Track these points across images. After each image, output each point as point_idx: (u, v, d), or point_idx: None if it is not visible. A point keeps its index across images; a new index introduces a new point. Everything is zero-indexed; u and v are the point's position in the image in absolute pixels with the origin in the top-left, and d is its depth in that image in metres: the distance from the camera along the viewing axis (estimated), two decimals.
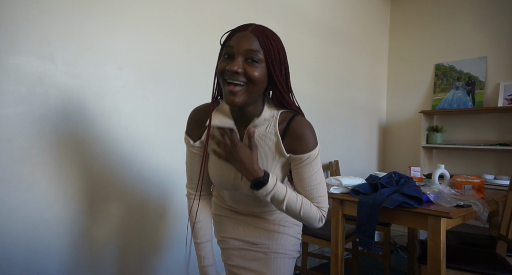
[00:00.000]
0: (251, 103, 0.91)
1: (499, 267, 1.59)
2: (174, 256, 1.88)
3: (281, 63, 0.91)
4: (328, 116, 2.92)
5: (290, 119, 0.95)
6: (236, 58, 0.85)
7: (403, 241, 3.29)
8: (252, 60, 0.85)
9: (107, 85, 1.62)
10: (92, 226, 1.58)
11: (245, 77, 0.85)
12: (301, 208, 0.94)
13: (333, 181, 1.95)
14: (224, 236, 1.13)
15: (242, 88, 0.86)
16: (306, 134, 0.94)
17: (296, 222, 1.12)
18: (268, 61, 0.87)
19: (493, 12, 2.92)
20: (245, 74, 0.85)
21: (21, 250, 1.39)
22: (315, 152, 0.95)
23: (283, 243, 1.08)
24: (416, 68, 3.40)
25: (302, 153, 0.94)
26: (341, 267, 1.90)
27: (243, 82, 0.85)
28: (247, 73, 0.85)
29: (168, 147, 1.85)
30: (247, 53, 0.85)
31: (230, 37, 0.89)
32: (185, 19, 1.92)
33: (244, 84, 0.86)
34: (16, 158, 1.37)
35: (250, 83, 0.86)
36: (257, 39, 0.86)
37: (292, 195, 0.94)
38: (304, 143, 0.94)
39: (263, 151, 0.96)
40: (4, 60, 1.34)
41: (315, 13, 2.76)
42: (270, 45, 0.88)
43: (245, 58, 0.85)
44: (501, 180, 2.64)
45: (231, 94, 0.85)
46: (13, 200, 1.36)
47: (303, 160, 0.94)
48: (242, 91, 0.86)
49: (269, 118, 0.95)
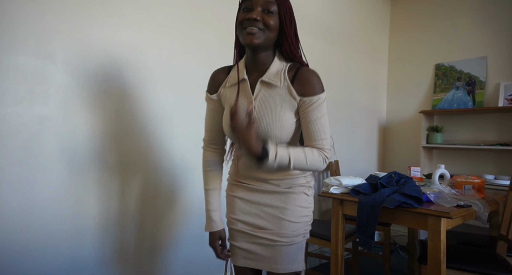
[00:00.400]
0: (264, 49, 1.05)
1: (499, 267, 1.59)
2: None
3: (291, 18, 1.05)
4: (328, 116, 2.91)
5: (298, 68, 1.07)
6: (256, 8, 1.00)
7: (403, 241, 3.29)
8: (268, 11, 1.00)
9: (107, 85, 1.62)
10: (91, 229, 1.58)
11: (263, 24, 1.00)
12: (307, 160, 1.01)
13: (333, 181, 1.95)
14: (234, 218, 1.18)
15: (260, 31, 1.00)
16: (313, 79, 1.05)
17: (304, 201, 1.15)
18: (281, 14, 1.02)
19: (493, 12, 2.92)
20: (263, 21, 1.00)
21: (21, 250, 1.39)
22: (322, 96, 1.06)
23: (288, 231, 1.11)
24: (416, 68, 3.40)
25: (310, 95, 1.04)
26: (341, 267, 1.90)
27: (259, 27, 1.00)
28: (264, 20, 1.00)
29: (168, 147, 1.85)
30: (264, 4, 1.00)
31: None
32: (185, 20, 1.92)
33: (259, 29, 1.00)
34: (16, 158, 1.37)
35: (267, 29, 1.00)
36: None
37: (296, 154, 1.00)
38: (312, 87, 1.04)
39: (278, 100, 1.05)
40: (4, 60, 1.34)
41: (314, 13, 2.76)
42: (283, 1, 1.03)
43: (262, 9, 1.00)
44: (501, 180, 2.63)
45: (250, 34, 0.99)
46: (13, 200, 1.36)
47: (312, 103, 1.04)
48: (259, 34, 1.00)
49: (278, 71, 1.06)
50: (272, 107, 1.05)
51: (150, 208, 1.79)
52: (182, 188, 1.92)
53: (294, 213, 1.12)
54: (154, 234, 1.81)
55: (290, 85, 1.05)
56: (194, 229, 1.96)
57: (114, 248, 1.66)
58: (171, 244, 1.88)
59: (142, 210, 1.76)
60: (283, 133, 1.05)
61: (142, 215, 1.76)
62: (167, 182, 1.86)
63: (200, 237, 1.98)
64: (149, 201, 1.78)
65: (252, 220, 1.14)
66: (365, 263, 2.82)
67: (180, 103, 1.90)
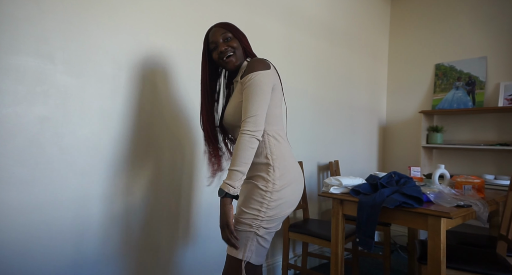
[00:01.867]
0: (239, 64, 1.33)
1: (499, 267, 1.59)
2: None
3: (241, 33, 1.36)
4: (328, 116, 2.92)
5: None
6: (219, 43, 1.30)
7: (403, 241, 3.29)
8: (227, 39, 1.31)
9: (107, 85, 1.62)
10: (91, 229, 1.58)
11: (231, 49, 1.30)
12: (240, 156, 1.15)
13: (333, 181, 1.95)
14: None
15: (233, 55, 1.30)
16: (249, 64, 1.24)
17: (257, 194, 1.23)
18: (235, 34, 1.33)
19: (493, 12, 2.92)
20: (230, 47, 1.30)
21: (21, 250, 1.39)
22: (252, 75, 1.20)
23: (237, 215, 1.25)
24: (416, 68, 3.40)
25: (244, 76, 1.23)
26: (341, 267, 1.90)
27: (231, 52, 1.30)
28: (230, 46, 1.30)
29: (168, 147, 1.85)
30: (222, 37, 1.31)
31: (207, 37, 1.35)
32: (185, 19, 1.92)
33: (232, 53, 1.30)
34: (16, 158, 1.37)
35: (235, 49, 1.31)
36: (222, 27, 1.32)
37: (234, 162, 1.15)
38: (248, 69, 1.23)
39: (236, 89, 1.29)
40: (4, 60, 1.34)
41: (315, 13, 2.76)
42: (230, 27, 1.34)
43: (222, 40, 1.30)
44: (501, 180, 2.63)
45: (230, 61, 1.30)
46: (13, 200, 1.36)
47: (244, 83, 1.22)
48: (234, 57, 1.30)
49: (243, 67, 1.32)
50: (232, 96, 1.32)
51: (151, 208, 1.79)
52: (186, 189, 1.93)
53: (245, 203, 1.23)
54: (157, 234, 1.81)
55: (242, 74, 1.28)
56: (200, 228, 1.96)
57: (115, 247, 1.66)
58: (174, 244, 1.88)
59: (144, 210, 1.76)
60: (231, 114, 1.28)
61: (144, 215, 1.76)
62: (169, 181, 1.86)
63: (204, 237, 1.98)
64: (152, 201, 1.78)
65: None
66: (365, 263, 2.82)
67: (181, 103, 1.90)
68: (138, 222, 1.74)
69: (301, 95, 2.65)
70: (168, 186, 1.86)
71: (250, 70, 1.21)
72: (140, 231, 1.75)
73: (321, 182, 2.87)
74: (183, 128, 1.92)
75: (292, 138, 2.51)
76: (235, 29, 1.33)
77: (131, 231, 1.71)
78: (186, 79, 1.93)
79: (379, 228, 2.45)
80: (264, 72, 1.21)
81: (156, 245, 1.82)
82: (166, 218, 1.86)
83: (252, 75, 1.19)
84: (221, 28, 1.31)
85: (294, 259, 2.62)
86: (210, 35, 1.32)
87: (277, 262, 2.45)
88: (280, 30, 2.46)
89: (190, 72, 1.94)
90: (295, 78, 2.59)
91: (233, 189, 1.14)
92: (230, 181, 1.14)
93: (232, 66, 1.30)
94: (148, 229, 1.78)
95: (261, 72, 1.20)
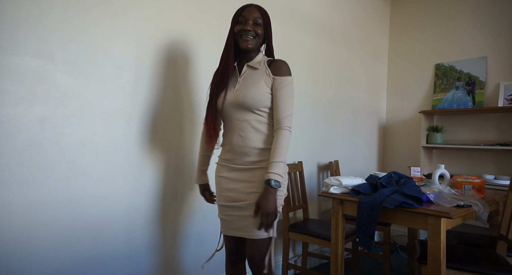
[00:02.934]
0: (254, 50, 1.44)
1: (499, 267, 1.59)
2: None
3: (270, 28, 1.46)
4: (328, 116, 2.92)
5: (275, 59, 1.46)
6: (248, 22, 1.39)
7: (403, 241, 3.29)
8: (257, 23, 1.40)
9: (107, 85, 1.62)
10: (91, 229, 1.58)
11: (254, 33, 1.39)
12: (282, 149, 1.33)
13: (333, 181, 1.95)
14: (219, 194, 1.47)
15: (253, 39, 1.39)
16: (283, 65, 1.41)
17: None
18: (265, 26, 1.43)
19: (493, 12, 2.92)
20: (254, 31, 1.39)
21: (20, 250, 1.39)
22: (289, 79, 1.40)
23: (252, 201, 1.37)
24: (416, 68, 3.40)
25: (280, 76, 1.39)
26: (341, 267, 1.90)
27: (252, 36, 1.39)
28: (255, 30, 1.39)
29: (168, 147, 1.85)
30: (254, 19, 1.39)
31: (241, 11, 1.42)
32: (185, 19, 1.92)
33: (252, 37, 1.39)
34: (16, 158, 1.37)
35: (257, 36, 1.40)
36: (258, 11, 1.41)
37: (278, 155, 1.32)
38: (282, 70, 1.40)
39: (257, 76, 1.40)
40: (4, 60, 1.34)
41: (315, 13, 2.76)
42: (266, 16, 1.43)
43: (253, 22, 1.39)
44: (501, 180, 2.63)
45: (246, 41, 1.38)
46: (13, 200, 1.36)
47: (281, 82, 1.38)
48: (252, 41, 1.39)
49: (260, 60, 1.44)
50: (251, 81, 1.40)
51: (152, 208, 1.79)
52: (187, 189, 1.93)
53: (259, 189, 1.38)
54: (157, 235, 1.81)
55: (267, 67, 1.41)
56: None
57: (116, 247, 1.66)
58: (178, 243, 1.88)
59: (144, 210, 1.76)
60: (256, 99, 1.36)
61: (144, 215, 1.76)
62: (170, 181, 1.86)
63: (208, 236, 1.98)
64: (152, 202, 1.78)
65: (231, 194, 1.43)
66: (365, 263, 2.83)
67: (181, 103, 1.90)
68: (138, 222, 1.74)
69: (301, 95, 2.65)
70: (169, 186, 1.86)
71: (286, 72, 1.40)
72: (142, 232, 1.75)
73: (321, 182, 2.87)
74: (183, 128, 1.92)
75: (292, 138, 2.50)
76: (268, 20, 1.43)
77: (132, 232, 1.71)
78: (186, 79, 1.92)
79: (379, 228, 2.45)
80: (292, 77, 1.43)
81: (156, 247, 1.82)
82: (168, 218, 1.86)
83: (289, 78, 1.40)
84: (258, 11, 1.41)
85: (294, 259, 2.62)
86: (245, 11, 1.40)
87: (277, 262, 2.45)
88: (280, 30, 2.46)
89: (190, 72, 1.94)
90: (295, 78, 2.58)
91: (281, 178, 1.31)
92: (279, 171, 1.30)
93: (245, 46, 1.38)
94: (148, 230, 1.78)
95: (292, 77, 1.42)
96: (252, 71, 1.41)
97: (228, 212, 1.43)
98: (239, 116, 1.39)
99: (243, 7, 1.42)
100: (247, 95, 1.36)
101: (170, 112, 1.86)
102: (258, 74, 1.40)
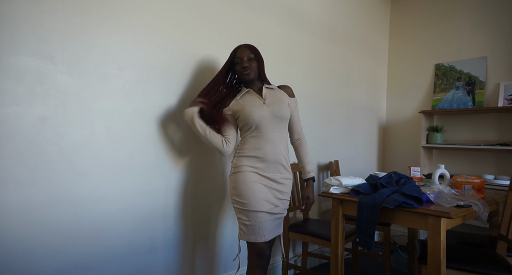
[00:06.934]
0: (254, 79, 1.74)
1: (499, 267, 1.59)
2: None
3: (261, 59, 1.76)
4: (328, 116, 2.92)
5: (282, 84, 1.87)
6: (244, 60, 1.70)
7: (403, 241, 3.29)
8: (250, 58, 1.71)
9: (107, 85, 1.62)
10: (91, 229, 1.58)
11: (250, 66, 1.69)
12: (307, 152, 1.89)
13: (333, 181, 1.95)
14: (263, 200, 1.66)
15: (250, 71, 1.70)
16: (291, 89, 1.85)
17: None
18: (257, 57, 1.73)
19: (493, 12, 2.92)
20: (249, 65, 1.69)
21: (20, 250, 1.39)
22: (296, 99, 1.85)
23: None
24: (416, 68, 3.40)
25: (293, 97, 1.83)
26: (341, 267, 1.90)
27: (249, 69, 1.69)
28: (250, 64, 1.70)
29: (169, 147, 1.85)
30: (247, 56, 1.70)
31: (235, 52, 1.72)
32: (185, 19, 1.92)
33: (250, 70, 1.69)
34: (16, 158, 1.37)
35: (253, 68, 1.70)
36: (248, 49, 1.72)
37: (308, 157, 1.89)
38: (293, 93, 1.84)
39: (277, 94, 1.76)
40: (4, 60, 1.34)
41: (315, 13, 2.76)
42: (255, 50, 1.73)
43: (247, 58, 1.70)
44: (501, 180, 2.63)
45: (247, 75, 1.70)
46: (13, 200, 1.36)
47: (295, 103, 1.83)
48: (251, 72, 1.70)
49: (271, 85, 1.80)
50: (278, 98, 1.74)
51: (152, 208, 1.79)
52: (188, 189, 1.93)
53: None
54: (158, 236, 1.81)
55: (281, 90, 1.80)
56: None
57: (116, 248, 1.66)
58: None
59: (144, 209, 1.76)
60: (287, 114, 1.73)
61: (145, 215, 1.76)
62: (171, 182, 1.86)
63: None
64: (152, 201, 1.78)
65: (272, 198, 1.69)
66: (365, 263, 2.83)
67: (180, 102, 1.90)
68: (138, 222, 1.74)
69: (301, 95, 2.64)
70: (171, 187, 1.86)
71: (293, 94, 1.83)
72: (142, 232, 1.75)
73: (321, 182, 2.87)
74: (183, 128, 1.92)
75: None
76: (258, 54, 1.73)
77: (132, 232, 1.72)
78: (186, 80, 1.92)
79: (379, 228, 2.45)
80: None
81: (156, 247, 1.82)
82: (168, 218, 1.86)
83: (296, 99, 1.84)
84: (248, 49, 1.71)
85: (294, 259, 2.62)
86: (238, 52, 1.70)
87: (277, 262, 2.45)
88: (280, 30, 2.46)
89: (190, 72, 1.94)
90: (294, 78, 2.59)
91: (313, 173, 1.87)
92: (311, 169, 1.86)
93: (248, 78, 1.70)
94: (148, 230, 1.78)
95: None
96: (271, 91, 1.75)
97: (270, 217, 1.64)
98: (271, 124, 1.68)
99: (236, 49, 1.72)
100: (281, 111, 1.69)
101: (170, 112, 1.86)
102: (279, 93, 1.76)
